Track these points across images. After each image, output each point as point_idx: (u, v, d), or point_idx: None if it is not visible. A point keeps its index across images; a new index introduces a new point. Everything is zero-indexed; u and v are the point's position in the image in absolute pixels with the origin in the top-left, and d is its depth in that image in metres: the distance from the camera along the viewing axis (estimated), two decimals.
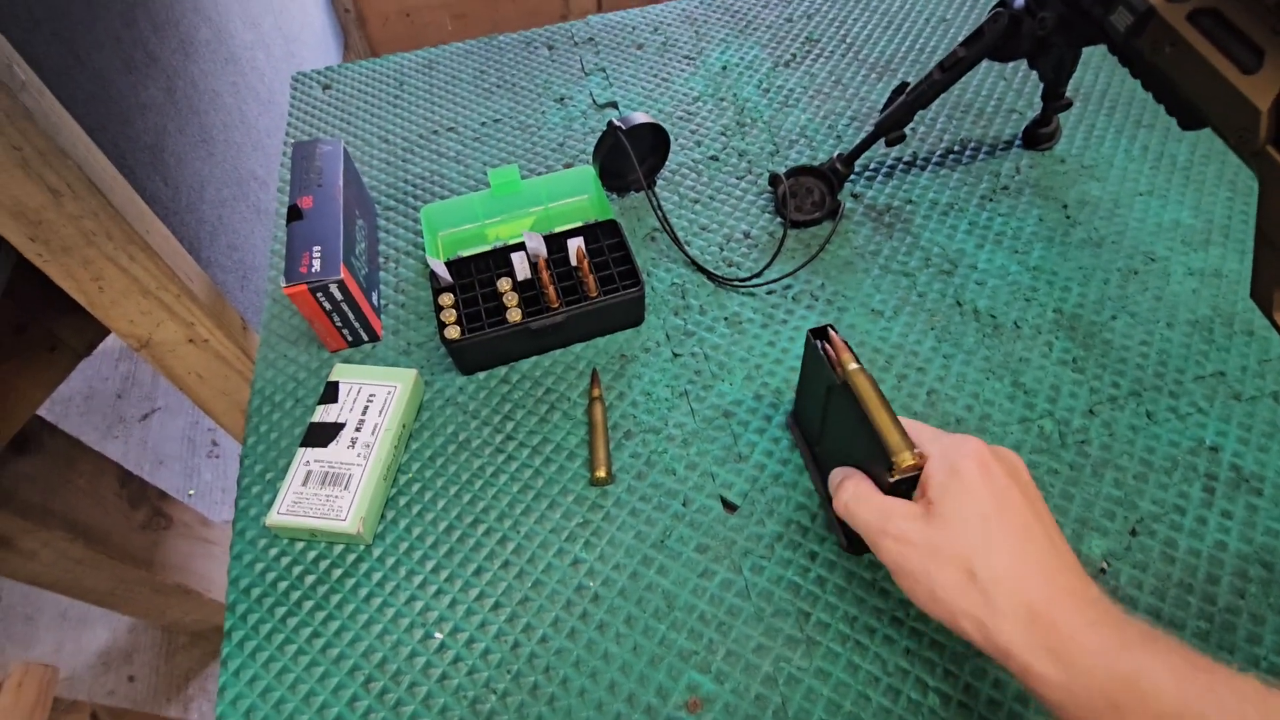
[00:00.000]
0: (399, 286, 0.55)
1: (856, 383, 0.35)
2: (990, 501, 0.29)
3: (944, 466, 0.31)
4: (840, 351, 0.36)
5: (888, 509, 0.32)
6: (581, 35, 0.75)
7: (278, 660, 0.39)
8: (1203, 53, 0.33)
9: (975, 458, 0.30)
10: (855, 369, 0.35)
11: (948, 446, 0.31)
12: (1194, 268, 0.52)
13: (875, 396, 0.34)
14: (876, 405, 0.34)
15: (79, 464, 0.88)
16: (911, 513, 0.31)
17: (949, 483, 0.30)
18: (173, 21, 0.77)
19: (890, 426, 0.33)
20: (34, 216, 0.51)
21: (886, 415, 0.33)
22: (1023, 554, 0.29)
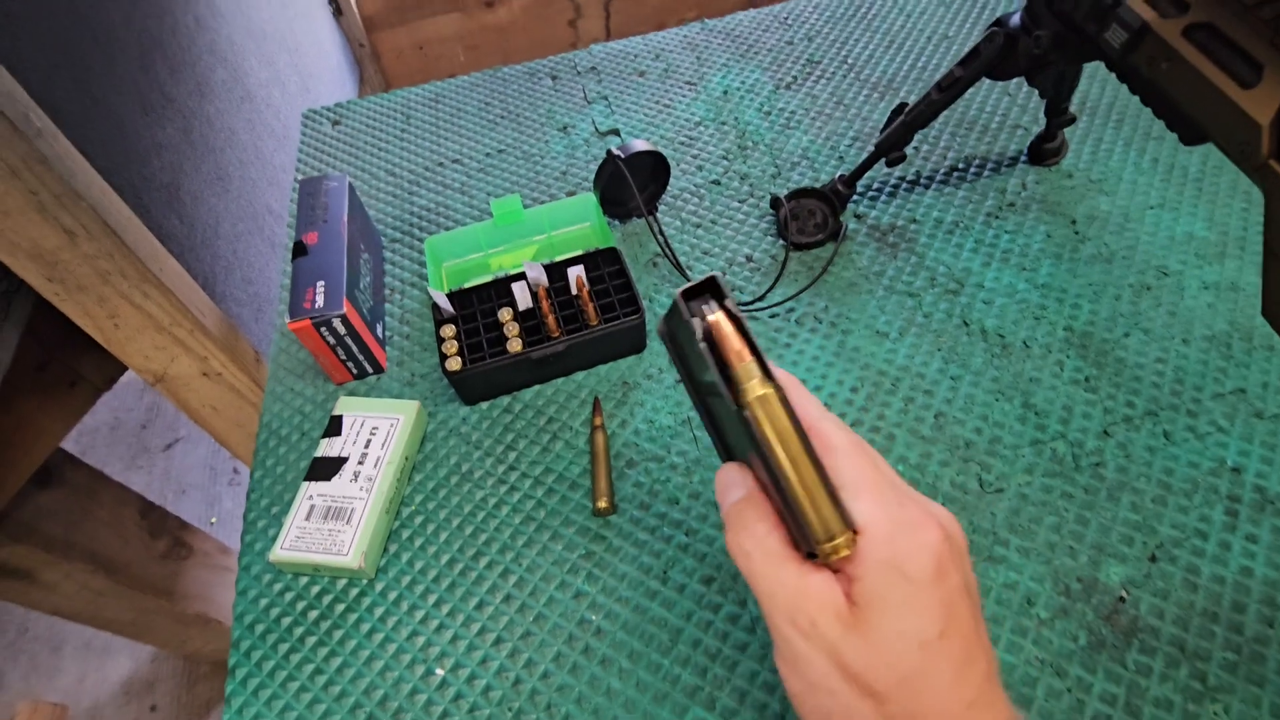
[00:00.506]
0: (404, 318, 0.56)
1: (763, 423, 0.22)
2: (937, 623, 0.22)
3: (887, 559, 0.22)
4: (735, 356, 0.23)
5: (802, 591, 0.23)
6: (584, 64, 0.76)
7: (280, 698, 0.39)
8: (1200, 68, 0.33)
9: (932, 556, 0.22)
10: (763, 395, 0.22)
11: (898, 524, 0.23)
12: (1209, 281, 0.51)
13: (794, 444, 0.22)
14: (795, 461, 0.22)
15: (100, 496, 0.89)
16: (832, 608, 0.22)
17: (891, 588, 0.22)
18: (189, 63, 0.79)
19: (815, 496, 0.22)
20: (50, 257, 0.52)
21: (810, 475, 0.22)
22: (957, 689, 0.22)
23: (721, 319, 0.23)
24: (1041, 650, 0.37)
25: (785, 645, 0.23)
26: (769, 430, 0.22)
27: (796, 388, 0.26)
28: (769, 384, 0.22)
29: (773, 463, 0.22)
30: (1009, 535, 0.41)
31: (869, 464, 0.24)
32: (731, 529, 0.25)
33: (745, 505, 0.25)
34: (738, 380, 0.23)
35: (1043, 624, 0.38)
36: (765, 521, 0.24)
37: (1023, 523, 0.41)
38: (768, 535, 0.24)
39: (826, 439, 0.24)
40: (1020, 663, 0.37)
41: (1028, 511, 0.42)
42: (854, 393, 0.48)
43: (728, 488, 0.26)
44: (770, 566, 0.23)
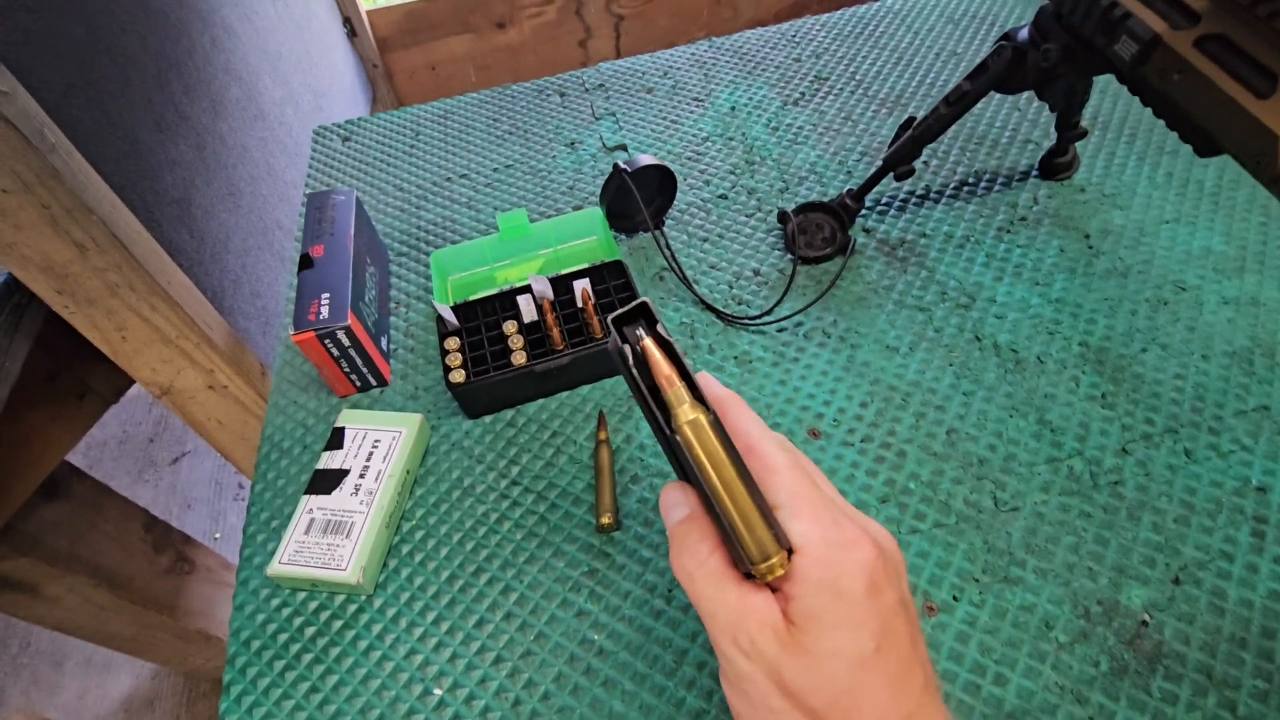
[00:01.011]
0: (409, 331, 0.56)
1: (693, 447, 0.22)
2: (872, 639, 0.22)
3: (821, 578, 0.22)
4: (665, 381, 0.23)
5: (743, 610, 0.23)
6: (592, 81, 0.76)
7: (275, 716, 0.38)
8: (1213, 79, 0.32)
9: (865, 574, 0.22)
10: (694, 420, 0.22)
11: (832, 544, 0.23)
12: (1229, 296, 0.50)
13: (726, 468, 0.22)
14: (727, 484, 0.22)
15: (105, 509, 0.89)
16: (770, 626, 0.22)
17: (825, 606, 0.22)
18: (204, 82, 0.81)
19: (748, 517, 0.22)
20: (61, 270, 0.53)
21: (743, 497, 0.22)
22: (894, 703, 0.22)
23: (650, 345, 0.23)
24: (1061, 676, 0.36)
25: (728, 665, 0.23)
26: (700, 454, 0.23)
27: (737, 407, 0.26)
28: (699, 409, 0.23)
29: (705, 486, 0.23)
30: (1025, 555, 0.40)
31: (807, 483, 0.24)
32: (675, 549, 0.25)
33: (688, 525, 0.25)
34: (669, 405, 0.23)
35: (1062, 648, 0.36)
36: (707, 542, 0.24)
37: (1039, 543, 0.40)
38: (710, 555, 0.24)
39: (766, 459, 0.24)
40: (1039, 689, 0.35)
41: (1044, 531, 0.40)
42: (864, 408, 0.47)
43: (671, 507, 0.26)
44: (712, 587, 0.23)
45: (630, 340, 0.24)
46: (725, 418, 0.25)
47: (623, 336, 0.24)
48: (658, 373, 0.23)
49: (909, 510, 0.42)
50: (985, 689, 0.35)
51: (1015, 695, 0.35)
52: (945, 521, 0.41)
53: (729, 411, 0.26)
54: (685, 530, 0.25)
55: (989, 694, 0.35)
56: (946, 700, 0.35)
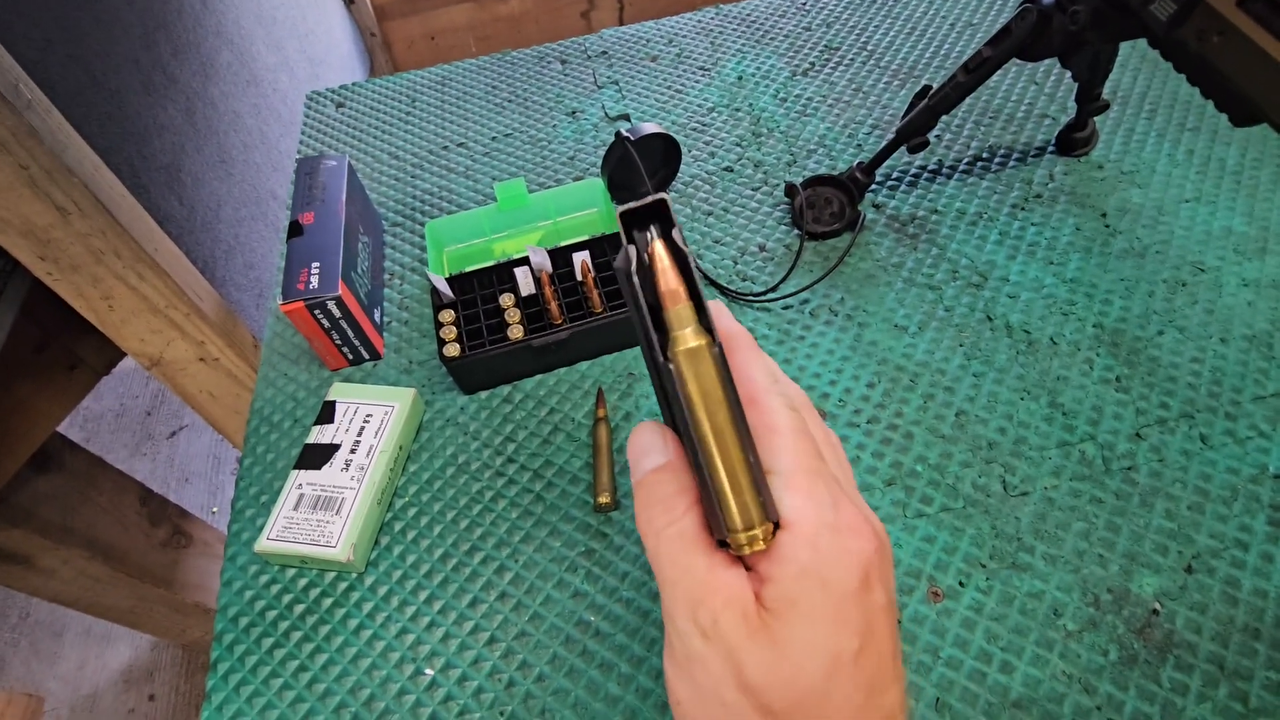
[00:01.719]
0: (403, 304, 0.54)
1: (687, 381, 0.19)
2: (852, 641, 0.19)
3: (808, 562, 0.19)
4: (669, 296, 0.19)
5: (709, 583, 0.20)
6: (595, 49, 0.74)
7: (263, 695, 0.37)
8: (1256, 40, 0.30)
9: (860, 565, 0.19)
10: (694, 349, 0.19)
11: (826, 526, 0.19)
12: (1249, 278, 0.48)
13: (721, 411, 0.19)
14: (718, 432, 0.19)
15: (99, 482, 0.88)
16: (739, 606, 0.19)
17: (807, 594, 0.19)
18: (194, 44, 0.78)
19: (736, 475, 0.19)
20: (43, 235, 0.51)
21: (735, 450, 0.19)
22: (865, 716, 0.19)
23: (660, 249, 0.19)
24: (1069, 664, 0.35)
25: (679, 642, 0.20)
26: (693, 390, 0.19)
27: (747, 349, 0.23)
28: (704, 335, 0.19)
29: (692, 429, 0.19)
30: (1034, 541, 0.39)
31: (810, 452, 0.21)
32: (642, 501, 0.21)
33: (663, 475, 0.21)
34: (668, 325, 0.19)
35: (1070, 636, 0.35)
36: (684, 497, 0.21)
37: (1049, 528, 0.39)
38: (684, 514, 0.20)
39: (768, 416, 0.21)
40: (1046, 677, 0.34)
41: (1055, 516, 0.39)
42: (870, 388, 0.46)
43: (644, 452, 0.22)
44: (678, 549, 0.20)
45: (638, 244, 0.20)
46: (731, 358, 0.21)
47: (629, 237, 0.20)
48: (663, 284, 0.19)
49: (915, 493, 0.41)
50: (991, 677, 0.35)
51: (1022, 683, 0.34)
52: (953, 505, 0.40)
53: (737, 351, 0.22)
54: (659, 480, 0.21)
55: (995, 682, 0.34)
56: (949, 689, 0.34)
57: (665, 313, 0.19)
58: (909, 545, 0.39)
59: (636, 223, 0.21)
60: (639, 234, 0.21)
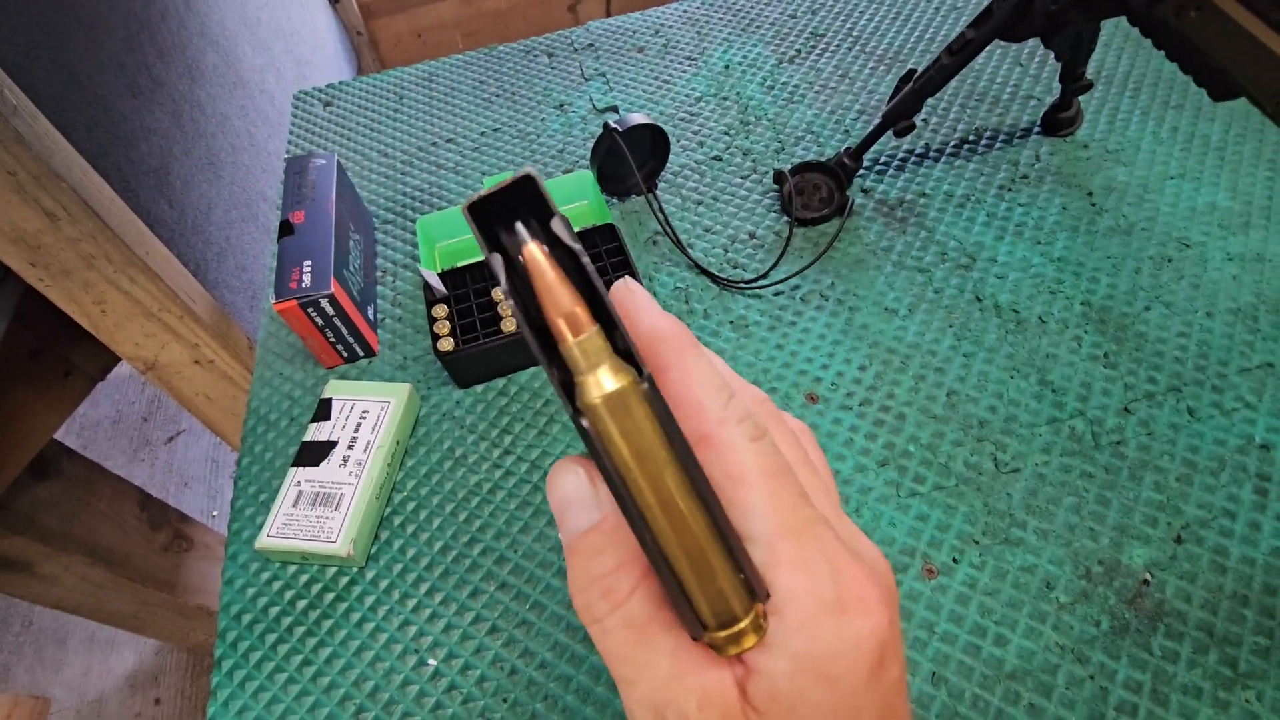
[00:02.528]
0: (396, 300, 0.54)
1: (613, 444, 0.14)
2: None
3: (806, 653, 0.15)
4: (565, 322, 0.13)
5: (679, 685, 0.15)
6: (581, 41, 0.74)
7: (268, 689, 0.38)
8: (1231, 14, 0.30)
9: (872, 649, 0.15)
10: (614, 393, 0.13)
11: (826, 604, 0.15)
12: (1233, 253, 0.49)
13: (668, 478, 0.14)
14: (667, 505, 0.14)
15: (98, 488, 0.88)
16: (719, 711, 0.15)
17: (807, 694, 0.15)
18: (179, 46, 0.78)
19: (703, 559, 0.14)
20: (33, 241, 0.51)
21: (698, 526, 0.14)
22: None
23: (536, 254, 0.13)
24: (1062, 636, 0.35)
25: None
26: (624, 451, 0.13)
27: (683, 353, 0.16)
28: (624, 370, 0.13)
29: (631, 506, 0.14)
30: (1026, 517, 0.39)
31: (791, 501, 0.15)
32: (576, 578, 0.16)
33: (596, 541, 0.16)
34: (571, 365, 0.13)
35: (1063, 608, 0.36)
36: (627, 572, 0.16)
37: (1040, 504, 0.40)
38: (631, 594, 0.15)
39: (729, 461, 0.15)
40: (1040, 649, 0.35)
41: (1046, 492, 0.40)
42: (862, 371, 0.46)
43: (567, 506, 0.16)
44: (633, 643, 0.15)
45: (507, 249, 0.14)
46: (665, 378, 0.16)
47: (493, 242, 0.14)
48: (551, 309, 0.13)
49: (908, 473, 0.41)
50: (985, 650, 0.35)
51: (1016, 656, 0.35)
52: (945, 484, 0.41)
53: (671, 365, 0.16)
54: (591, 548, 0.16)
55: (989, 655, 0.35)
56: (945, 663, 0.35)
57: (564, 347, 0.13)
58: (903, 524, 0.40)
59: (497, 219, 0.14)
60: (507, 236, 0.14)
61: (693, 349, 0.16)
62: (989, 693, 0.34)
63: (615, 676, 0.16)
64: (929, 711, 0.34)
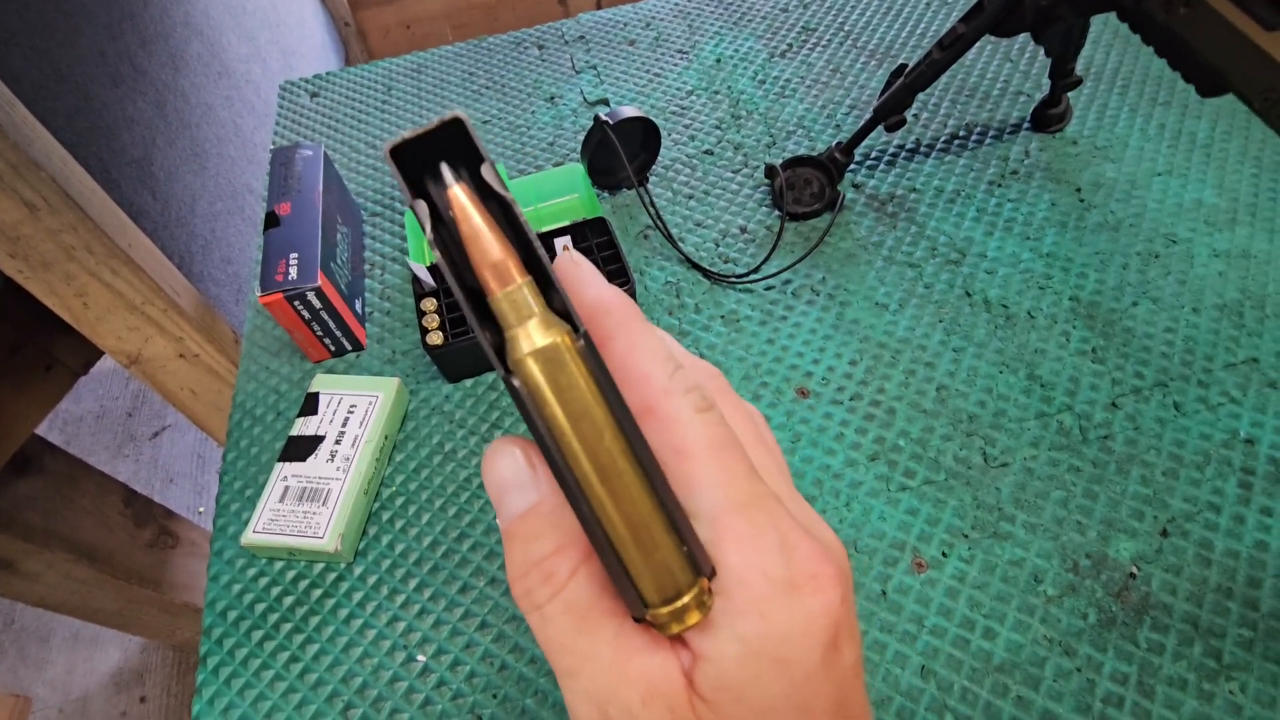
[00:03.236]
0: (384, 294, 0.54)
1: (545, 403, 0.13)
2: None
3: (757, 634, 0.14)
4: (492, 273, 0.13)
5: (621, 672, 0.14)
6: (572, 34, 0.73)
7: (254, 687, 0.37)
8: (1220, 11, 0.30)
9: (825, 629, 0.14)
10: (546, 347, 0.13)
11: (776, 583, 0.14)
12: (1219, 249, 0.49)
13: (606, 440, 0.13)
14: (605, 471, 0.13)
15: (81, 484, 0.87)
16: (664, 700, 0.14)
17: (758, 679, 0.14)
18: (162, 35, 0.76)
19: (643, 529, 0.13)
20: (11, 232, 0.50)
21: (637, 494, 0.13)
22: None
23: (462, 198, 0.13)
24: (1049, 629, 0.35)
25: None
26: (557, 413, 0.13)
27: (628, 324, 0.15)
28: (557, 325, 0.13)
29: (566, 473, 0.13)
30: (1015, 511, 0.39)
31: (740, 472, 0.15)
32: (514, 563, 0.15)
33: (533, 524, 0.15)
34: (501, 320, 0.13)
35: (1050, 601, 0.36)
36: (566, 555, 0.15)
37: (1029, 498, 0.40)
38: (571, 577, 0.15)
39: (673, 431, 0.15)
40: (1028, 642, 0.35)
41: (1034, 486, 0.40)
42: (853, 365, 0.46)
43: (504, 488, 0.15)
44: (573, 633, 0.14)
45: (434, 197, 0.13)
46: (608, 346, 0.15)
47: (415, 189, 0.13)
48: (478, 257, 0.13)
49: (898, 468, 0.42)
50: (974, 643, 0.35)
51: (1004, 649, 0.35)
52: (935, 478, 0.41)
53: (618, 333, 0.15)
54: (529, 532, 0.15)
55: (978, 648, 0.35)
56: (934, 656, 0.35)
57: (490, 300, 0.13)
58: (893, 518, 0.40)
59: (424, 165, 0.13)
60: (434, 186, 0.13)
61: (639, 322, 0.15)
62: (978, 685, 0.34)
63: (556, 669, 0.15)
64: (918, 704, 0.34)
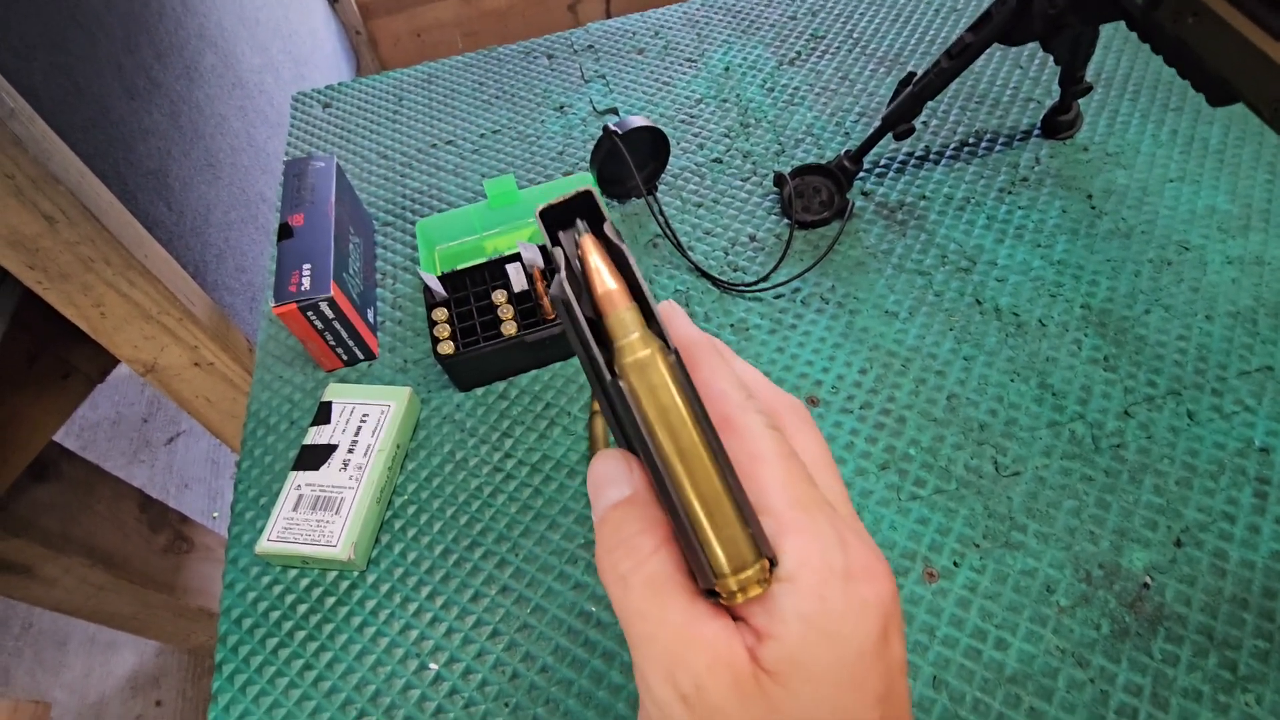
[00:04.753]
0: (396, 303, 0.54)
1: (641, 398, 0.16)
2: (872, 707, 0.16)
3: (816, 615, 0.16)
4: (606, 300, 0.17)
5: (690, 639, 0.16)
6: (581, 43, 0.74)
7: (269, 694, 0.38)
8: (1229, 21, 0.30)
9: (879, 617, 0.16)
10: (642, 360, 0.16)
11: (835, 571, 0.16)
12: (1233, 256, 0.49)
13: (687, 432, 0.16)
14: (685, 454, 0.16)
15: (98, 490, 0.88)
16: (728, 668, 0.16)
17: (817, 654, 0.15)
18: (177, 47, 0.77)
19: (715, 507, 0.16)
20: (31, 244, 0.51)
21: (709, 476, 0.16)
22: None
23: (590, 245, 0.17)
24: (1062, 640, 0.35)
25: (655, 710, 0.16)
26: (649, 408, 0.16)
27: (710, 358, 0.19)
28: (654, 341, 0.16)
29: (655, 453, 0.16)
30: (1027, 520, 0.39)
31: (802, 480, 0.17)
32: (604, 542, 0.18)
33: (626, 510, 0.18)
34: (610, 335, 0.16)
35: (1063, 612, 0.36)
36: (650, 535, 0.17)
37: (1041, 507, 0.40)
38: (652, 554, 0.17)
39: (748, 442, 0.17)
40: (1040, 653, 0.35)
41: (1046, 495, 0.40)
42: (863, 374, 0.46)
43: (604, 483, 0.19)
44: (648, 600, 0.16)
45: (565, 246, 0.18)
46: (694, 371, 0.19)
47: (553, 239, 0.18)
48: (599, 287, 0.16)
49: (909, 477, 0.41)
50: (986, 654, 0.35)
51: (1016, 659, 0.35)
52: (946, 488, 0.41)
53: (700, 363, 0.19)
54: (621, 517, 0.18)
55: (990, 658, 0.35)
56: (946, 667, 0.35)
57: (605, 320, 0.16)
58: (903, 528, 0.40)
59: (559, 223, 0.18)
60: (564, 235, 0.18)
61: (715, 355, 0.19)
62: (990, 696, 0.34)
63: (631, 636, 0.17)
64: (930, 715, 0.34)
